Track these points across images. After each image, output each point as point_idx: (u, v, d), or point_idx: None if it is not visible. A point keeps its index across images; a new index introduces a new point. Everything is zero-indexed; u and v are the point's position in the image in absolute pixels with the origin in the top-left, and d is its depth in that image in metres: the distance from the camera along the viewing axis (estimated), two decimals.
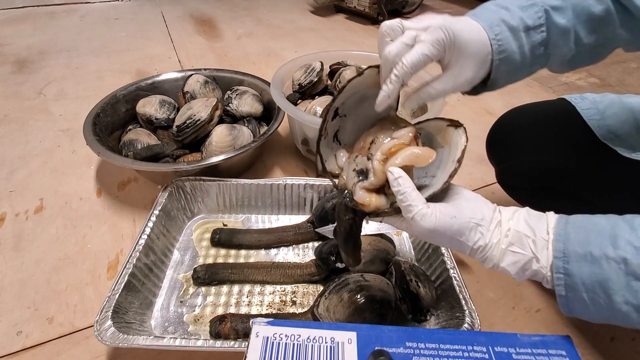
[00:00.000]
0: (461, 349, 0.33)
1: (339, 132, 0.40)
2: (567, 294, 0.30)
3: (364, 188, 0.35)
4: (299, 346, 0.32)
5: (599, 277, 0.28)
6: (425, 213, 0.31)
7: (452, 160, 0.34)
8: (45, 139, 0.90)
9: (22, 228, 0.68)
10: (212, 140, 0.73)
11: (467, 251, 0.33)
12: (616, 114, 0.50)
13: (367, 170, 0.35)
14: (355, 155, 0.37)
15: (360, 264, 0.54)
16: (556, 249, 0.30)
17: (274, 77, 0.80)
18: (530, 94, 1.19)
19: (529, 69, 0.39)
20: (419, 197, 0.32)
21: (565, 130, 0.55)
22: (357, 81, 0.36)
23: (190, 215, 0.68)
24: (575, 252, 0.29)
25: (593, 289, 0.28)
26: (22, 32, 1.48)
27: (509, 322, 0.57)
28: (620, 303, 0.28)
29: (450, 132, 0.36)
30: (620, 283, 0.27)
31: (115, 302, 0.46)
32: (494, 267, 0.32)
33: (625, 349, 0.55)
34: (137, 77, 1.12)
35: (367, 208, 0.35)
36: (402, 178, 0.32)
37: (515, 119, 0.62)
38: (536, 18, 0.36)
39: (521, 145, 0.59)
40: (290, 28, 1.66)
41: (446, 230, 0.31)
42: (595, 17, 0.37)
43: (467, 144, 0.33)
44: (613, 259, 0.28)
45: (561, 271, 0.30)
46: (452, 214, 0.31)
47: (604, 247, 0.28)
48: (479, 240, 0.32)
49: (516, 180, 0.62)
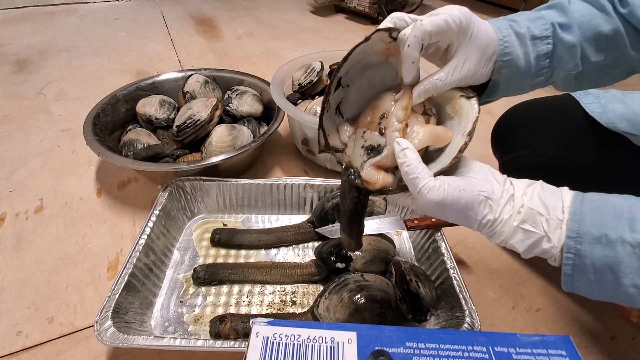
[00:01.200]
0: (461, 349, 0.33)
1: (342, 104, 0.38)
2: (573, 273, 0.30)
3: (373, 164, 0.34)
4: (299, 346, 0.32)
5: (611, 260, 0.28)
6: (433, 186, 0.30)
7: (462, 134, 0.32)
8: (45, 139, 0.90)
9: (22, 228, 0.68)
10: (212, 140, 0.73)
11: (475, 225, 0.32)
12: (617, 109, 0.51)
13: (378, 147, 0.34)
14: (362, 130, 0.35)
15: (360, 264, 0.54)
16: (570, 228, 0.29)
17: (274, 77, 0.80)
18: (530, 94, 1.19)
19: (532, 80, 0.39)
20: (426, 170, 0.31)
21: (569, 124, 0.56)
22: (363, 47, 0.33)
23: (190, 215, 0.68)
24: (590, 233, 0.29)
25: (602, 270, 0.28)
26: (22, 32, 1.48)
27: (509, 322, 0.57)
28: (628, 286, 0.27)
29: (461, 102, 0.34)
30: (632, 267, 0.27)
31: (115, 302, 0.46)
32: (501, 242, 0.32)
33: (626, 348, 0.55)
34: (137, 77, 1.12)
35: (373, 186, 0.33)
36: (409, 150, 0.31)
37: (520, 112, 0.62)
38: (543, 29, 0.37)
39: (525, 139, 0.59)
40: (290, 28, 1.66)
41: (454, 204, 0.31)
42: (603, 36, 0.37)
43: (479, 115, 0.32)
44: (629, 242, 0.27)
45: (572, 251, 0.29)
46: (460, 187, 0.31)
47: (620, 230, 0.28)
48: (488, 215, 0.31)
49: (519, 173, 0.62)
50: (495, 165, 0.88)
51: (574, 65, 0.38)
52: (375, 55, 0.35)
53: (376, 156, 0.34)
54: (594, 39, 0.38)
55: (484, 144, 0.98)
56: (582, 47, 0.38)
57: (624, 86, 0.52)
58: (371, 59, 0.36)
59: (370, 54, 0.35)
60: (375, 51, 0.35)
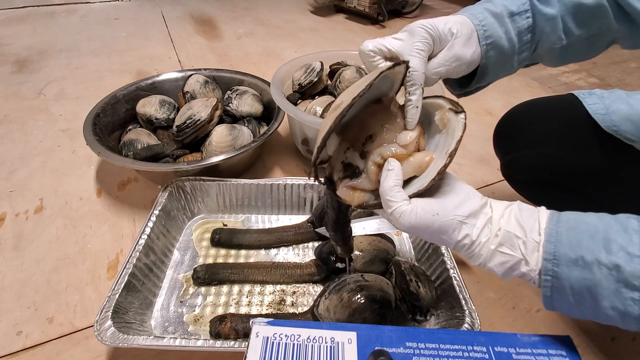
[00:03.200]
0: (461, 349, 0.33)
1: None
2: (552, 295, 0.29)
3: (349, 186, 0.33)
4: (299, 346, 0.32)
5: (589, 282, 0.27)
6: (404, 210, 0.30)
7: (445, 152, 0.31)
8: (45, 139, 0.90)
9: (22, 228, 0.68)
10: (212, 140, 0.73)
11: (452, 247, 0.32)
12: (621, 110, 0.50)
13: (357, 169, 0.33)
14: (346, 146, 0.34)
15: (360, 264, 0.54)
16: (546, 250, 0.29)
17: (274, 77, 0.80)
18: (530, 94, 1.19)
19: (517, 57, 0.39)
20: (401, 193, 0.31)
21: (571, 125, 0.56)
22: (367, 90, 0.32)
23: (190, 215, 0.68)
24: (566, 255, 0.28)
25: (580, 292, 0.28)
26: (22, 32, 1.48)
27: (509, 322, 0.57)
28: (607, 308, 0.27)
29: (450, 116, 0.33)
30: (609, 289, 0.27)
31: (115, 302, 0.46)
32: (480, 265, 0.32)
33: (626, 348, 0.55)
34: (137, 77, 1.12)
35: (350, 202, 0.33)
36: (393, 171, 0.31)
37: (523, 112, 0.62)
38: (520, 5, 0.37)
39: (526, 138, 0.59)
40: (290, 28, 1.66)
41: (427, 228, 0.30)
42: (585, 8, 0.38)
43: (463, 135, 0.31)
44: (605, 264, 0.27)
45: (550, 274, 0.29)
46: (434, 211, 0.30)
47: (596, 252, 0.27)
48: (464, 239, 0.31)
49: (520, 173, 0.63)
50: (495, 165, 0.88)
51: (556, 38, 0.39)
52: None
53: (352, 179, 0.33)
54: (576, 11, 0.38)
55: (484, 144, 0.98)
56: (563, 19, 0.38)
57: (623, 86, 0.51)
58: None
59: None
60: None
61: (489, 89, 0.47)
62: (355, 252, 0.55)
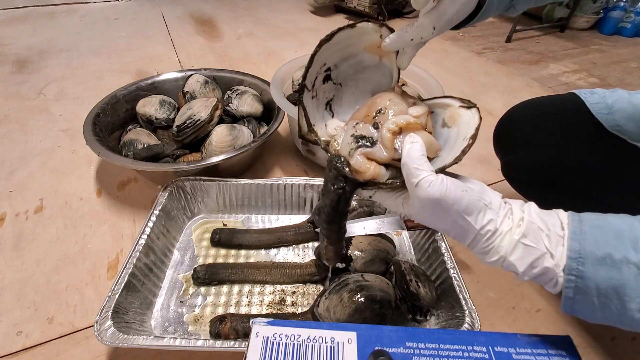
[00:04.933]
0: (461, 349, 0.33)
1: (333, 102, 0.36)
2: (575, 297, 0.27)
3: (364, 154, 0.31)
4: (299, 346, 0.32)
5: (617, 282, 0.26)
6: (434, 180, 0.28)
7: (463, 138, 0.31)
8: (45, 139, 0.90)
9: (22, 228, 0.68)
10: (212, 140, 0.73)
11: (471, 237, 0.29)
12: (624, 109, 0.50)
13: (371, 139, 0.32)
14: (355, 122, 0.33)
15: (360, 264, 0.54)
16: (571, 248, 0.27)
17: (274, 77, 0.80)
18: (530, 94, 1.19)
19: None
20: (427, 163, 0.29)
21: (572, 124, 0.55)
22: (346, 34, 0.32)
23: (190, 215, 0.68)
24: (593, 253, 0.26)
25: (607, 294, 0.26)
26: (22, 32, 1.48)
27: (509, 322, 0.57)
28: (634, 310, 0.26)
29: (461, 112, 0.33)
30: (638, 290, 0.25)
31: (115, 302, 0.46)
32: (499, 260, 0.29)
33: (626, 348, 0.55)
34: (137, 77, 1.12)
35: (362, 176, 0.31)
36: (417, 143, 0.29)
37: (524, 111, 0.62)
38: None
39: (527, 138, 0.59)
40: (290, 28, 1.66)
41: (455, 203, 0.28)
42: None
43: (480, 123, 0.31)
44: (635, 263, 0.25)
45: (574, 273, 0.27)
46: (462, 187, 0.28)
47: (624, 251, 0.26)
48: (489, 224, 0.28)
49: (521, 173, 0.62)
50: (495, 165, 0.88)
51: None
52: (367, 55, 0.34)
53: (368, 146, 0.31)
54: None
55: (484, 144, 0.98)
56: None
57: (623, 86, 0.51)
58: (363, 58, 0.34)
59: (361, 51, 0.34)
60: (365, 47, 0.34)
61: (489, 89, 0.47)
62: (355, 252, 0.55)
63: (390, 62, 0.35)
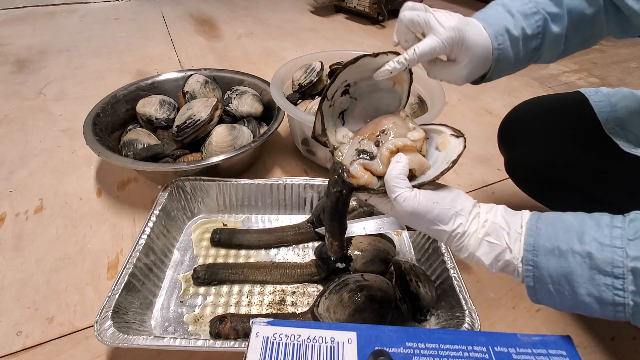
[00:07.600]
0: (461, 349, 0.33)
1: (346, 113, 0.41)
2: (534, 285, 0.31)
3: (362, 165, 0.37)
4: (299, 346, 0.32)
5: (565, 270, 0.29)
6: (408, 196, 0.33)
7: (446, 161, 0.36)
8: (45, 139, 0.90)
9: (22, 228, 0.68)
10: (212, 140, 0.73)
11: (445, 238, 0.34)
12: (627, 107, 0.51)
13: (371, 154, 0.37)
14: (361, 137, 0.39)
15: (360, 264, 0.54)
16: (527, 242, 0.31)
17: (274, 77, 0.80)
18: (530, 94, 1.19)
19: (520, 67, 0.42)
20: (406, 182, 0.34)
21: (576, 123, 0.56)
22: (368, 60, 0.37)
23: (190, 215, 0.68)
24: (544, 246, 0.30)
25: (559, 281, 0.30)
26: (22, 32, 1.48)
27: (509, 322, 0.57)
28: (584, 295, 0.29)
29: (451, 139, 0.38)
30: (584, 276, 0.28)
31: (115, 302, 0.46)
32: (469, 256, 0.34)
33: (626, 348, 0.55)
34: (137, 77, 1.12)
35: (357, 181, 0.36)
36: (401, 163, 0.34)
37: (528, 109, 0.63)
38: (535, 27, 0.39)
39: (530, 136, 0.60)
40: (290, 28, 1.66)
41: (426, 214, 0.33)
42: (586, 17, 0.40)
43: (463, 151, 0.36)
44: (579, 253, 0.29)
45: (530, 263, 0.31)
46: (434, 200, 0.33)
47: (570, 242, 0.29)
48: (458, 228, 0.33)
49: (523, 170, 0.63)
50: (495, 164, 0.89)
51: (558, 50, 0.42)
52: (383, 80, 0.39)
53: (367, 159, 0.37)
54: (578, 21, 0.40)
55: (484, 144, 0.98)
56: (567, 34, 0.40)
57: (623, 86, 0.52)
58: (379, 81, 0.39)
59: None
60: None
61: (489, 89, 0.47)
62: (355, 252, 0.55)
63: (402, 89, 0.41)
